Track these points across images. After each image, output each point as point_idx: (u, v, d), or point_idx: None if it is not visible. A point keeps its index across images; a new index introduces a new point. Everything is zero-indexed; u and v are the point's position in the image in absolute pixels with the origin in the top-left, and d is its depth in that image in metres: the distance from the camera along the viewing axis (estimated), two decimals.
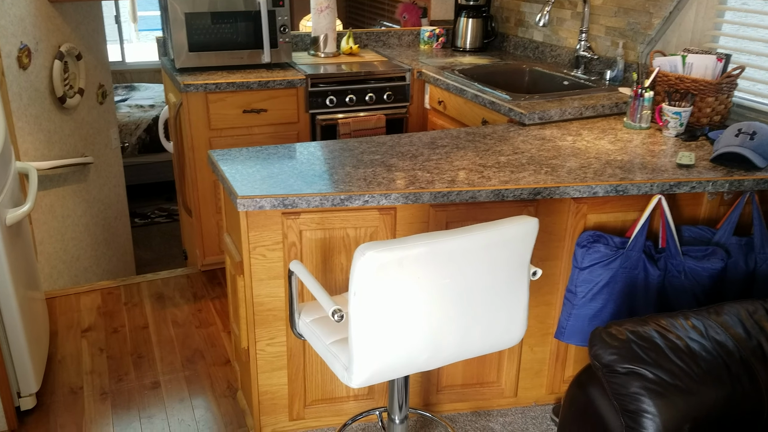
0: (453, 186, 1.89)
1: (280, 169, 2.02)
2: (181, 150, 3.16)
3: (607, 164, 2.05)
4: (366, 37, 3.79)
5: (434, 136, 2.35)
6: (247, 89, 2.99)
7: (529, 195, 1.89)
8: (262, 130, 3.10)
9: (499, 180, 1.93)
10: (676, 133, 2.30)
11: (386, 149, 2.21)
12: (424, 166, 2.05)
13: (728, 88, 2.29)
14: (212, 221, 3.16)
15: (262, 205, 1.82)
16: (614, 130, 2.41)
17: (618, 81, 2.86)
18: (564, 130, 2.41)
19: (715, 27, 2.51)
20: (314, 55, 3.49)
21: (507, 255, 1.41)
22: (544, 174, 1.97)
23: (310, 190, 1.86)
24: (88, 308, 2.97)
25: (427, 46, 3.80)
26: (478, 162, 2.09)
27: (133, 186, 5.62)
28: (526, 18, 3.57)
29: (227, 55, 3.12)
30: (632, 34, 2.90)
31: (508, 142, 2.28)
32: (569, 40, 3.28)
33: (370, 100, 3.23)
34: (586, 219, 2.05)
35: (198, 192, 3.09)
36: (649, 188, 1.90)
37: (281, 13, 3.15)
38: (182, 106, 2.95)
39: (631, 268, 1.93)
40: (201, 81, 2.92)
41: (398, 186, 1.89)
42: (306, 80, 3.09)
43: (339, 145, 2.24)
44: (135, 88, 6.60)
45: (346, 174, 1.98)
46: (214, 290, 3.13)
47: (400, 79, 3.25)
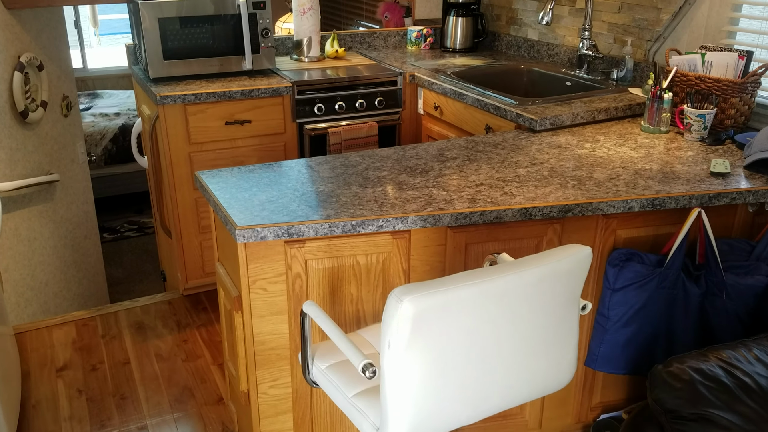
0: (475, 205, 1.71)
1: (280, 191, 1.81)
2: (158, 166, 2.91)
3: (636, 175, 1.88)
4: (350, 39, 3.59)
5: (441, 147, 2.16)
6: (230, 99, 2.77)
7: (559, 213, 1.72)
8: (246, 143, 2.88)
9: (524, 197, 1.75)
10: (699, 137, 2.15)
11: (392, 164, 2.02)
12: (438, 183, 1.86)
13: (753, 88, 2.15)
14: (194, 242, 2.93)
15: (264, 236, 1.61)
16: (632, 135, 2.25)
17: (627, 81, 2.71)
18: (579, 136, 2.25)
19: (731, 22, 2.37)
20: (298, 60, 3.28)
21: (560, 290, 1.23)
22: (571, 188, 1.80)
23: (316, 216, 1.65)
24: (62, 343, 2.71)
25: (415, 47, 3.61)
26: (495, 176, 1.91)
27: (101, 199, 5.32)
28: (519, 15, 3.41)
29: (205, 62, 2.89)
30: (638, 30, 2.75)
31: (523, 152, 2.11)
32: (567, 38, 3.12)
33: (361, 107, 3.03)
34: (616, 235, 1.88)
35: (178, 211, 2.86)
36: (687, 201, 1.75)
37: (263, 16, 2.93)
38: (158, 120, 2.71)
39: (670, 288, 1.77)
40: (178, 92, 2.68)
41: (414, 208, 1.70)
42: (292, 87, 2.87)
43: (340, 161, 2.04)
44: (98, 96, 6.28)
45: (353, 195, 1.78)
46: (200, 317, 2.90)
47: (391, 83, 3.06)
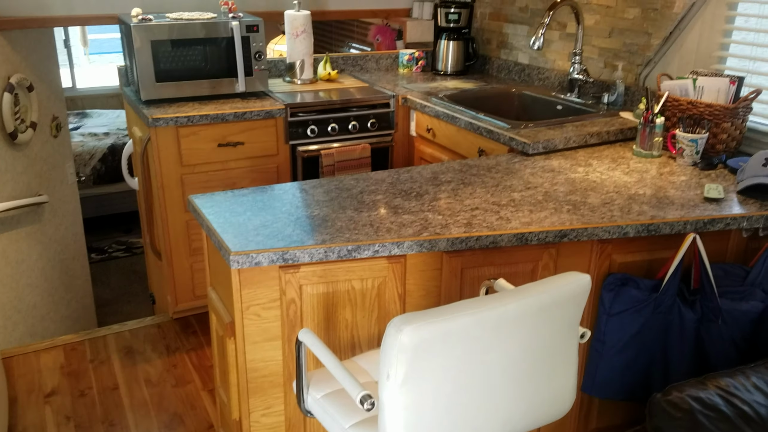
0: (471, 230, 1.70)
1: (274, 215, 1.79)
2: (149, 188, 2.89)
3: (630, 200, 1.89)
4: (343, 61, 3.60)
5: (435, 171, 2.16)
6: (222, 121, 2.76)
7: (555, 238, 1.72)
8: (239, 164, 2.86)
9: (520, 222, 1.75)
10: (692, 162, 2.16)
11: (387, 187, 2.01)
12: (434, 207, 1.85)
13: (744, 113, 2.17)
14: (185, 264, 2.90)
15: (259, 261, 1.59)
16: (625, 159, 2.26)
17: (618, 105, 2.73)
18: (572, 160, 2.26)
19: (722, 48, 2.40)
20: (290, 82, 3.28)
21: (559, 319, 1.22)
22: (566, 213, 1.80)
23: (312, 241, 1.64)
24: (50, 368, 2.66)
25: (407, 69, 3.63)
26: (490, 200, 1.90)
27: (89, 219, 5.27)
28: (509, 40, 3.44)
29: (198, 84, 2.88)
30: (628, 55, 2.78)
31: (517, 176, 2.11)
32: (558, 62, 3.15)
33: (354, 129, 3.03)
34: (611, 259, 1.88)
35: (169, 233, 2.83)
36: (681, 226, 1.75)
37: (256, 39, 2.93)
38: (150, 142, 2.69)
39: (665, 313, 1.77)
40: (171, 114, 2.67)
41: (410, 232, 1.69)
42: (285, 110, 2.87)
43: (335, 184, 2.03)
44: (88, 115, 6.25)
45: (349, 219, 1.77)
46: (189, 341, 2.86)
47: (384, 105, 3.07)
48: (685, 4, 2.49)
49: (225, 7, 3.03)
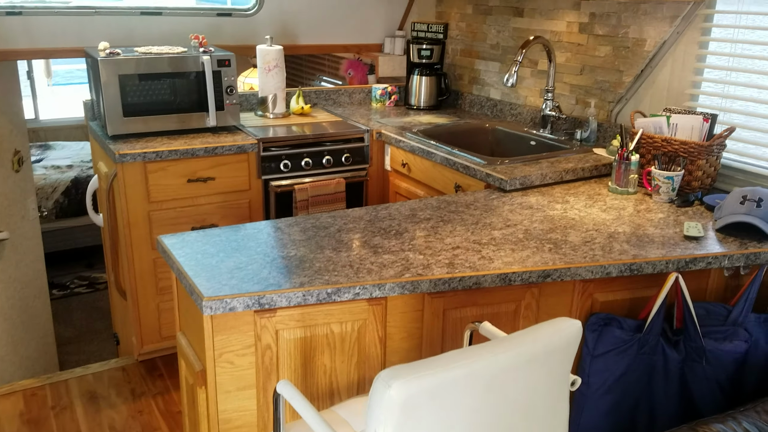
0: (453, 271, 1.66)
1: (249, 256, 1.72)
2: (114, 225, 2.79)
3: (611, 238, 1.87)
4: (315, 95, 3.58)
5: (413, 207, 2.12)
6: (192, 156, 2.69)
7: (538, 278, 1.68)
8: (209, 200, 2.79)
9: (503, 261, 1.71)
10: (668, 199, 2.17)
11: (365, 225, 1.96)
12: (414, 246, 1.81)
13: (718, 150, 2.19)
14: (151, 304, 2.79)
15: (233, 307, 1.52)
16: (601, 196, 2.26)
17: (591, 141, 2.75)
18: (549, 197, 2.24)
19: (694, 85, 2.44)
20: (263, 116, 3.23)
21: (551, 368, 1.18)
22: (548, 252, 1.77)
23: (289, 284, 1.58)
24: (8, 416, 2.51)
25: (380, 104, 3.62)
26: (471, 238, 1.87)
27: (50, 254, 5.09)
28: (481, 76, 3.46)
29: (167, 119, 2.81)
30: (600, 92, 2.81)
31: (496, 213, 2.09)
32: (530, 98, 3.18)
33: (328, 164, 2.98)
34: (593, 298, 1.86)
35: (135, 272, 2.73)
36: (664, 266, 1.74)
37: (227, 73, 2.89)
38: (116, 177, 2.60)
39: (649, 354, 1.74)
40: (139, 149, 2.59)
41: (391, 273, 1.64)
42: (258, 144, 2.82)
43: (311, 223, 1.97)
44: (50, 147, 6.09)
45: (327, 259, 1.71)
46: (155, 384, 2.73)
47: (358, 140, 3.04)
48: (656, 42, 2.53)
49: (195, 41, 2.98)
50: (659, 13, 2.50)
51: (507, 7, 3.23)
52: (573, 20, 2.89)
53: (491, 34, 3.34)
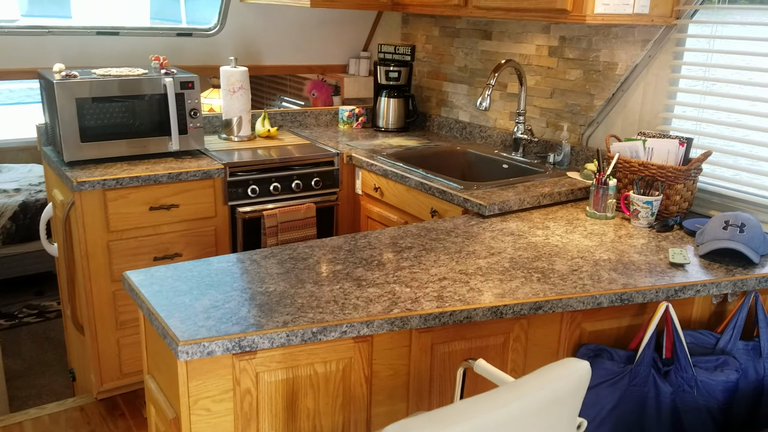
0: (443, 304, 1.59)
1: (225, 293, 1.62)
2: (71, 256, 2.63)
3: (597, 266, 1.84)
4: (281, 117, 3.48)
5: (393, 236, 2.05)
6: (155, 183, 2.56)
7: (530, 310, 1.63)
8: (172, 228, 2.66)
9: (493, 294, 1.65)
10: (647, 224, 2.16)
11: (345, 255, 1.88)
12: (399, 278, 1.73)
13: (695, 174, 2.20)
14: (111, 339, 2.63)
15: (212, 351, 1.41)
16: (580, 221, 2.23)
17: (564, 165, 2.73)
18: (528, 222, 2.21)
19: (667, 109, 2.45)
20: (227, 140, 3.12)
21: (562, 413, 1.11)
22: (537, 282, 1.72)
23: (272, 324, 1.48)
24: None
25: (347, 126, 3.55)
26: (457, 268, 1.80)
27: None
28: (449, 98, 3.43)
29: (128, 144, 2.67)
30: (571, 115, 2.81)
31: (477, 240, 2.03)
32: (499, 120, 3.16)
33: (297, 188, 2.89)
34: (581, 328, 1.81)
35: (93, 306, 2.57)
36: (654, 295, 1.71)
37: (191, 96, 2.77)
38: (74, 206, 2.45)
39: (641, 386, 1.70)
40: (98, 176, 2.45)
41: (379, 309, 1.56)
42: (224, 169, 2.70)
43: (288, 254, 1.88)
44: None
45: (309, 295, 1.62)
46: (117, 425, 2.57)
47: (328, 163, 2.96)
48: (628, 66, 2.54)
49: (156, 62, 2.86)
50: (630, 36, 2.52)
51: (475, 30, 3.21)
52: (542, 44, 2.89)
53: (459, 57, 3.32)
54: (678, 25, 2.36)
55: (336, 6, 3.03)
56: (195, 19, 7.34)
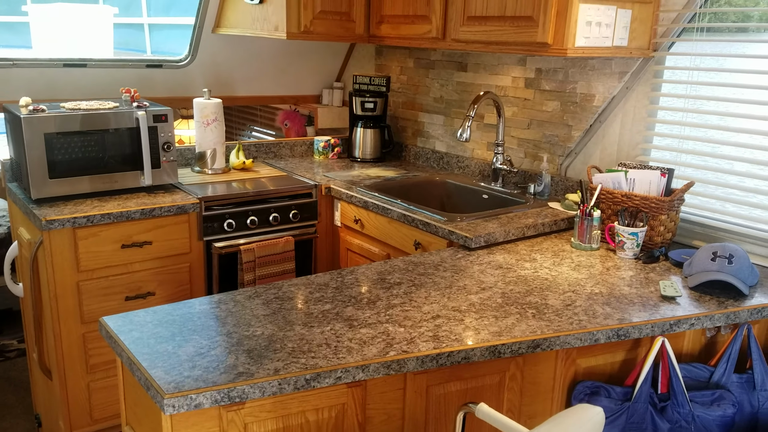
0: (440, 345, 1.54)
1: (210, 338, 1.54)
2: (38, 297, 2.50)
3: (590, 300, 1.81)
4: (255, 148, 3.42)
5: (380, 271, 2.00)
6: (127, 220, 2.46)
7: (528, 349, 1.59)
8: (145, 266, 2.56)
9: (489, 332, 1.61)
10: (633, 255, 2.15)
11: (333, 293, 1.82)
12: (391, 317, 1.68)
13: (678, 204, 2.21)
14: (80, 384, 2.50)
15: (200, 403, 1.33)
16: (566, 252, 2.22)
17: (545, 196, 2.73)
18: (515, 255, 2.18)
19: (646, 140, 2.47)
20: (201, 173, 3.04)
21: None
22: (532, 318, 1.69)
23: (262, 372, 1.40)
24: None
25: (323, 156, 3.50)
26: (449, 305, 1.76)
27: None
28: (425, 128, 3.42)
29: (98, 179, 2.58)
30: (549, 146, 2.82)
31: (467, 274, 1.99)
32: (477, 151, 3.16)
33: (275, 221, 2.82)
34: (576, 364, 1.78)
35: (62, 349, 2.44)
36: (650, 330, 1.69)
37: (164, 129, 2.70)
38: (42, 246, 2.34)
39: (639, 423, 1.67)
40: (67, 214, 2.35)
41: (374, 352, 1.50)
42: (199, 204, 2.62)
43: (273, 293, 1.81)
44: None
45: (299, 338, 1.55)
46: None
47: (305, 195, 2.90)
48: (605, 97, 2.56)
49: (127, 95, 2.78)
50: (607, 68, 2.54)
51: (450, 62, 3.22)
52: (519, 75, 2.90)
53: (435, 88, 3.32)
54: (655, 57, 2.39)
55: (313, 38, 3.01)
56: (160, 49, 7.25)
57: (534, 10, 2.27)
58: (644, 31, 2.35)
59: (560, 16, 2.20)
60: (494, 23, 2.44)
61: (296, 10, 2.93)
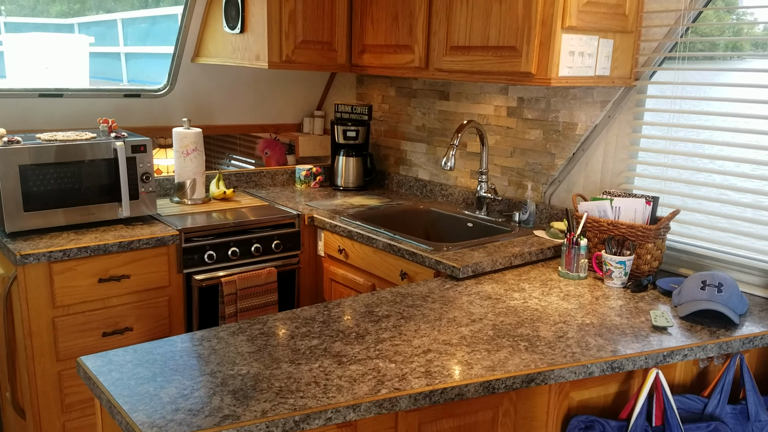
0: (433, 381, 1.49)
1: (193, 379, 1.48)
2: (12, 335, 2.41)
3: (582, 331, 1.79)
4: (236, 178, 3.37)
5: (368, 303, 1.96)
6: (105, 253, 2.39)
7: (522, 384, 1.55)
8: (123, 300, 2.48)
9: (482, 366, 1.57)
10: (621, 284, 2.14)
11: (320, 328, 1.77)
12: (381, 352, 1.63)
13: (664, 232, 2.21)
14: (56, 424, 2.40)
15: None
16: (554, 281, 2.20)
17: (530, 224, 2.72)
18: (503, 285, 2.16)
19: (629, 168, 2.48)
20: (180, 203, 2.98)
21: None
22: (525, 352, 1.66)
23: (249, 414, 1.35)
24: None
25: (304, 185, 3.47)
26: (440, 338, 1.72)
27: None
28: (408, 156, 3.41)
29: (75, 211, 2.51)
30: (533, 174, 2.82)
31: (455, 305, 1.96)
32: (460, 179, 3.15)
33: (257, 252, 2.77)
34: (569, 397, 1.75)
35: (36, 388, 2.34)
36: (644, 361, 1.66)
37: (143, 159, 2.64)
38: (16, 281, 2.26)
39: None
40: (43, 248, 2.27)
41: (365, 390, 1.45)
42: (179, 235, 2.56)
43: (258, 329, 1.75)
44: None
45: (287, 376, 1.50)
46: None
47: (288, 225, 2.85)
48: (588, 126, 2.57)
49: (104, 125, 2.73)
50: (589, 98, 2.56)
51: (432, 91, 3.23)
52: (501, 104, 2.91)
53: (417, 116, 3.32)
54: (637, 86, 2.42)
55: (295, 68, 2.99)
56: (137, 78, 7.20)
57: (517, 41, 2.28)
58: (626, 61, 2.37)
59: (543, 46, 2.21)
60: (477, 53, 2.44)
61: (278, 39, 2.91)
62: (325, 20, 3.01)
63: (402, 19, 2.77)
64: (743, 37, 2.36)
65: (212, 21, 3.21)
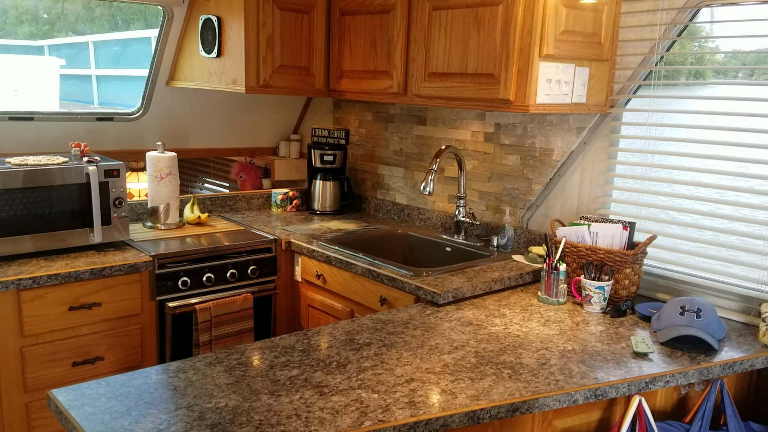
0: (417, 412, 1.47)
1: (169, 412, 1.43)
2: None
3: (564, 358, 1.78)
4: (210, 202, 3.33)
5: (348, 331, 1.93)
6: (76, 280, 2.33)
7: (507, 413, 1.53)
8: (94, 329, 2.41)
9: (467, 396, 1.55)
10: (600, 309, 2.15)
11: (300, 357, 1.73)
12: (363, 381, 1.60)
13: (641, 257, 2.23)
14: None
15: None
16: (533, 307, 2.20)
17: (509, 248, 2.72)
18: (484, 310, 2.15)
19: (605, 193, 2.51)
20: (153, 228, 2.92)
21: None
22: (509, 379, 1.64)
23: None
24: None
25: (281, 209, 3.44)
26: (423, 366, 1.70)
27: None
28: (385, 180, 3.41)
29: (45, 237, 2.44)
30: (510, 199, 2.83)
31: (437, 332, 1.94)
32: (438, 203, 3.15)
33: (232, 278, 2.72)
34: (553, 426, 1.73)
35: (2, 420, 2.25)
36: (626, 389, 1.66)
37: (116, 184, 2.59)
38: None
39: None
40: (12, 276, 2.20)
41: (348, 422, 1.42)
42: (152, 261, 2.51)
43: (235, 359, 1.71)
44: None
45: (267, 409, 1.46)
46: None
47: (265, 250, 2.81)
48: (564, 152, 2.60)
49: (77, 149, 2.67)
50: (565, 124, 2.59)
51: (409, 116, 3.24)
52: (478, 130, 2.93)
53: (394, 141, 3.33)
54: (612, 113, 2.45)
55: (272, 92, 2.98)
56: (108, 101, 7.10)
57: (495, 68, 2.30)
58: (601, 89, 2.41)
59: (521, 73, 2.24)
60: (456, 80, 2.46)
61: (255, 64, 2.90)
62: (303, 45, 3.01)
63: (380, 45, 2.78)
64: (712, 65, 2.42)
65: (188, 45, 3.19)
